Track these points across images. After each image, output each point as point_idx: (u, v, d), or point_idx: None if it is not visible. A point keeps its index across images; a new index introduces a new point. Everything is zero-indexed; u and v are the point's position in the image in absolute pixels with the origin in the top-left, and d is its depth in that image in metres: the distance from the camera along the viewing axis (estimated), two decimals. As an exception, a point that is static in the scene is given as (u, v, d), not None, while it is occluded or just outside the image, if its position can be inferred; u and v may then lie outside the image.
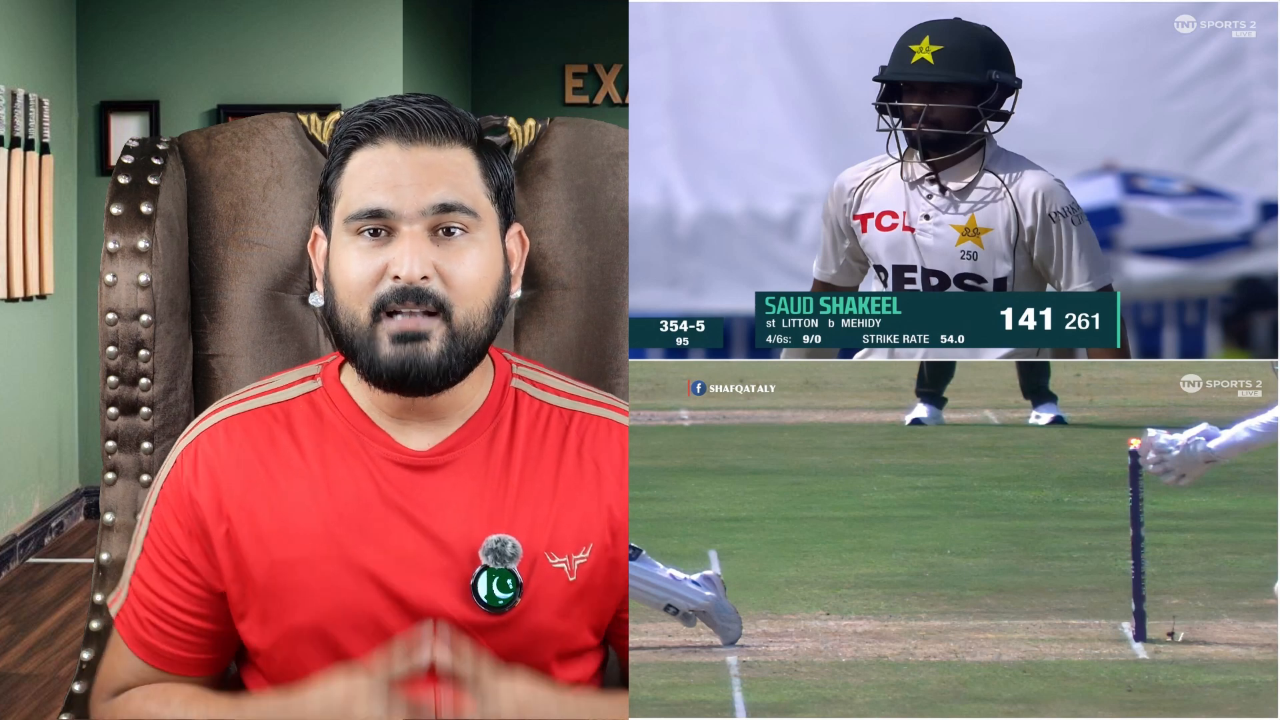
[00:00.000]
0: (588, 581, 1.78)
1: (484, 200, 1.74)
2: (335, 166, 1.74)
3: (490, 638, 1.75)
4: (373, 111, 1.73)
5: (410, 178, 1.70)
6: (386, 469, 1.76)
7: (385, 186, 1.70)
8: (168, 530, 1.78)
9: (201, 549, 1.77)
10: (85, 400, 7.26)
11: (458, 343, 1.71)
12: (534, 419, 1.81)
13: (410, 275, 1.68)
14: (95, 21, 7.23)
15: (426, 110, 1.72)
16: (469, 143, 1.74)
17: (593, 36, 9.40)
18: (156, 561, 1.79)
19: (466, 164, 1.74)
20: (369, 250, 1.70)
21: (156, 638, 1.80)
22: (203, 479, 1.77)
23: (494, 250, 1.75)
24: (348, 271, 1.71)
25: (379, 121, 1.72)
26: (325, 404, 1.80)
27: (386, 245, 1.70)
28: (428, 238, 1.70)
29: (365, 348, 1.71)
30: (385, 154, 1.71)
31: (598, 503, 1.79)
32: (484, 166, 1.75)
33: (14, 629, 5.46)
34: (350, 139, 1.73)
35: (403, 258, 1.69)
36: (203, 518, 1.76)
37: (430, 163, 1.71)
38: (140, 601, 1.80)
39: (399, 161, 1.71)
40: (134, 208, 2.04)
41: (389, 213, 1.70)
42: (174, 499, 1.79)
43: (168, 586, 1.79)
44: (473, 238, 1.72)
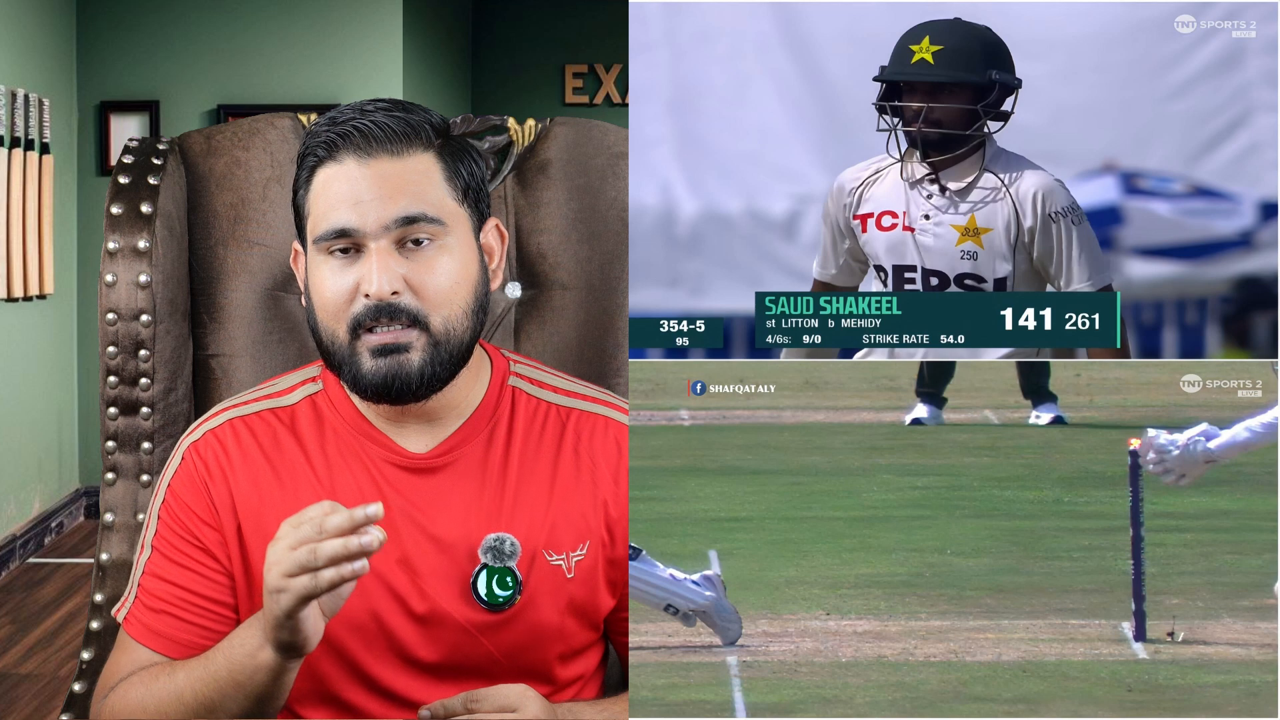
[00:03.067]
0: (586, 578, 1.78)
1: (450, 204, 1.73)
2: (302, 184, 1.74)
3: (491, 637, 1.75)
4: (332, 125, 1.72)
5: (371, 192, 1.69)
6: (387, 471, 1.76)
7: (347, 204, 1.69)
8: (182, 524, 1.77)
9: (220, 539, 1.76)
10: (85, 400, 7.26)
11: (440, 350, 1.71)
12: (531, 417, 1.81)
13: (379, 292, 1.68)
14: (95, 21, 7.23)
15: (382, 121, 1.71)
16: (429, 147, 1.73)
17: (593, 36, 9.40)
18: (171, 554, 1.77)
19: (429, 170, 1.72)
20: (340, 269, 1.70)
21: (172, 626, 1.77)
22: (216, 474, 1.77)
23: (467, 253, 1.74)
24: (324, 291, 1.71)
25: (336, 137, 1.71)
26: (326, 406, 1.80)
27: (356, 262, 1.70)
28: (395, 251, 1.69)
29: (347, 363, 1.71)
30: (345, 170, 1.70)
31: (594, 499, 1.79)
32: (448, 169, 1.74)
33: (14, 629, 5.46)
34: (313, 156, 1.73)
35: (370, 275, 1.68)
36: (218, 511, 1.76)
37: (390, 174, 1.70)
38: (154, 596, 1.77)
39: (358, 176, 1.70)
40: (134, 208, 2.04)
41: (353, 231, 1.69)
42: (188, 493, 1.77)
43: (185, 575, 1.76)
44: (441, 245, 1.72)
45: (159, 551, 1.78)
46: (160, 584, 1.77)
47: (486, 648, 1.75)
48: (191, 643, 1.76)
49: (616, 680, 1.93)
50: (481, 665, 1.76)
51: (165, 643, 1.76)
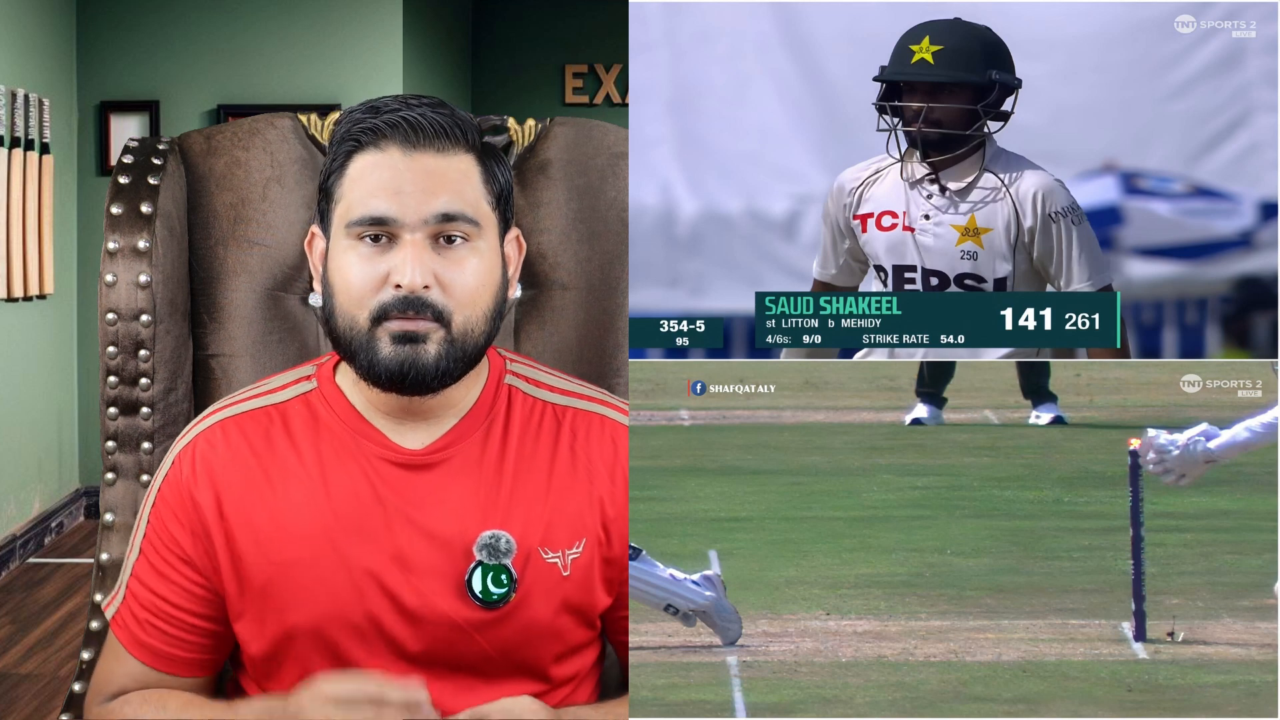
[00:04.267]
0: (582, 576, 1.78)
1: (485, 207, 1.74)
2: (336, 168, 1.74)
3: (487, 634, 1.75)
4: (376, 114, 1.72)
5: (413, 185, 1.70)
6: (382, 468, 1.76)
7: (388, 193, 1.70)
8: (168, 531, 1.78)
9: (204, 549, 1.77)
10: (85, 400, 7.26)
11: (455, 348, 1.71)
12: (527, 415, 1.81)
13: (412, 285, 1.68)
14: (95, 21, 7.23)
15: (430, 116, 1.72)
16: (472, 149, 1.74)
17: (593, 36, 9.40)
18: (156, 562, 1.79)
19: (469, 171, 1.73)
20: (370, 256, 1.70)
21: (156, 638, 1.79)
22: (202, 479, 1.77)
23: (493, 257, 1.75)
24: (349, 277, 1.71)
25: (382, 125, 1.71)
26: (320, 404, 1.80)
27: (388, 252, 1.70)
28: (429, 246, 1.70)
29: (365, 349, 1.71)
30: (388, 159, 1.71)
31: (590, 497, 1.79)
32: (486, 173, 1.75)
33: (14, 629, 5.46)
34: (353, 141, 1.72)
35: (404, 266, 1.69)
36: (204, 518, 1.76)
37: (433, 170, 1.71)
38: (139, 603, 1.80)
39: (402, 168, 1.70)
40: (134, 208, 2.04)
41: (391, 220, 1.69)
42: (174, 499, 1.78)
43: (168, 586, 1.78)
44: (473, 246, 1.72)
45: (145, 556, 1.80)
46: (145, 591, 1.80)
47: (481, 645, 1.75)
48: (174, 656, 1.80)
49: (616, 681, 1.93)
50: (476, 662, 1.76)
51: (151, 656, 1.80)
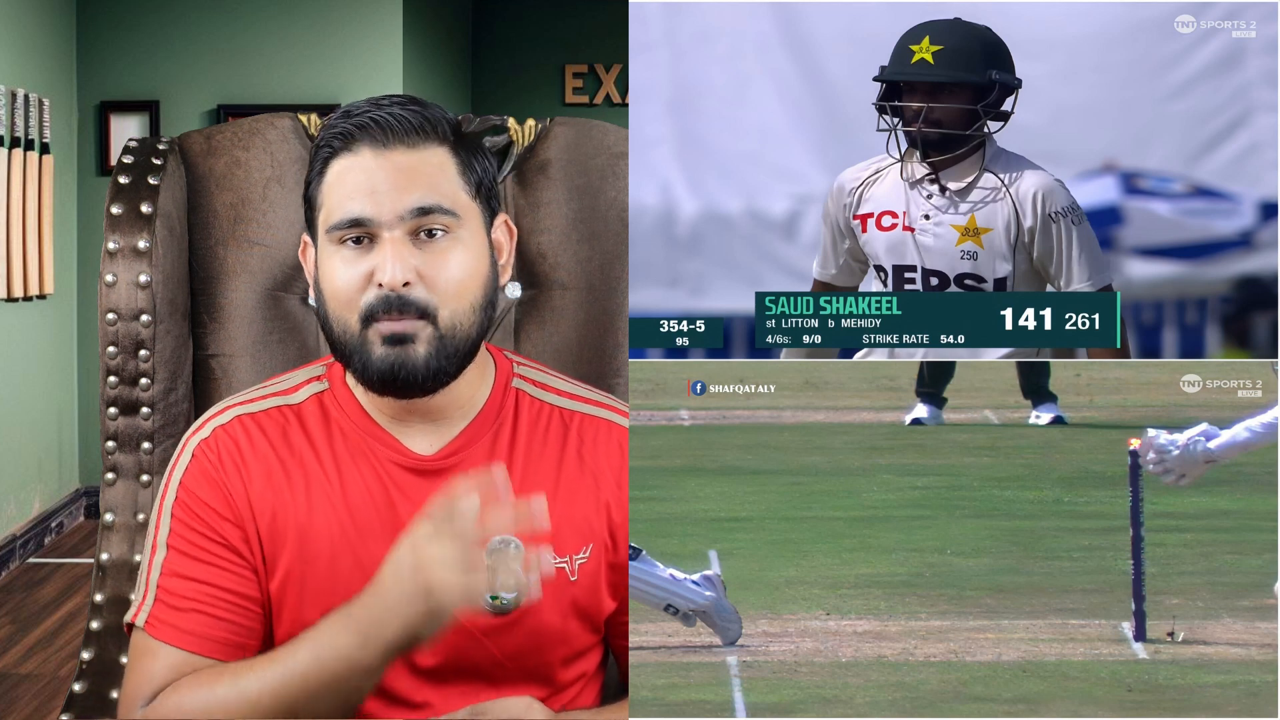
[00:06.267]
0: (588, 581, 1.78)
1: (464, 198, 1.74)
2: (315, 176, 1.75)
3: (495, 639, 1.75)
4: (347, 118, 1.73)
5: (386, 183, 1.70)
6: (394, 473, 1.76)
7: (363, 194, 1.70)
8: (201, 520, 1.75)
9: (241, 535, 1.75)
10: (85, 400, 7.26)
11: (445, 344, 1.71)
12: (535, 419, 1.81)
13: (393, 281, 1.68)
14: (95, 21, 7.23)
15: (399, 113, 1.73)
16: (444, 141, 1.74)
17: (593, 36, 9.40)
18: (192, 551, 1.74)
19: (443, 163, 1.74)
20: (352, 259, 1.71)
21: (204, 624, 1.73)
22: (229, 471, 1.76)
23: (479, 247, 1.75)
24: (335, 281, 1.72)
25: (352, 128, 1.72)
26: (333, 406, 1.80)
27: (370, 252, 1.70)
28: (409, 242, 1.70)
29: (358, 352, 1.71)
30: (361, 161, 1.72)
31: (597, 502, 1.79)
32: (461, 164, 1.75)
33: (14, 629, 5.46)
34: (328, 148, 1.74)
35: (385, 264, 1.69)
36: (236, 507, 1.75)
37: (405, 166, 1.71)
38: (178, 595, 1.74)
39: (374, 167, 1.71)
40: (134, 208, 2.04)
41: (368, 220, 1.70)
42: (205, 489, 1.76)
43: (211, 571, 1.74)
44: (455, 237, 1.72)
45: (177, 550, 1.75)
46: (183, 582, 1.74)
47: (489, 650, 1.75)
48: (226, 640, 1.73)
49: (615, 684, 1.93)
50: (484, 668, 1.76)
51: (200, 641, 1.73)
